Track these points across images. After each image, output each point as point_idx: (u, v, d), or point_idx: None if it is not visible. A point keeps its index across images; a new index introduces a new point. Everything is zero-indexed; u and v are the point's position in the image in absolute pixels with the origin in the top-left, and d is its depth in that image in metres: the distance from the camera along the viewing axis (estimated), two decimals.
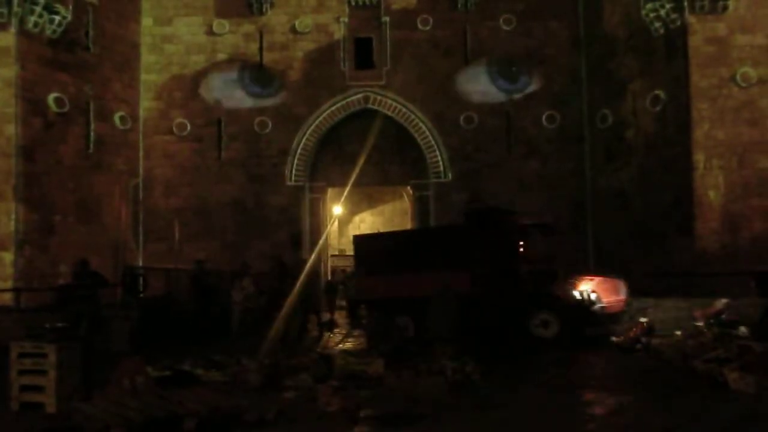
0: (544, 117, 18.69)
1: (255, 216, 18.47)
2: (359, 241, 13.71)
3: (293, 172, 18.81)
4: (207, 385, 6.99)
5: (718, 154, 14.73)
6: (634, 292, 12.08)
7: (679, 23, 15.19)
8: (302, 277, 12.22)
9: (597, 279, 11.88)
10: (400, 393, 6.63)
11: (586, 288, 11.43)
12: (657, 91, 15.91)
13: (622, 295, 11.78)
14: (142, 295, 11.88)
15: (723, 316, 9.91)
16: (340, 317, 15.19)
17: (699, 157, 14.76)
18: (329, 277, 17.69)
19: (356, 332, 12.79)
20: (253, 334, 10.78)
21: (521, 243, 11.46)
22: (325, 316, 14.16)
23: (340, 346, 11.29)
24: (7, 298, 13.58)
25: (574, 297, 11.20)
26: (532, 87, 18.70)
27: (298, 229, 18.58)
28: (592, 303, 11.27)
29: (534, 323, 10.64)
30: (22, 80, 15.11)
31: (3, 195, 14.90)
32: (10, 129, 14.98)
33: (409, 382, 6.85)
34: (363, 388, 6.86)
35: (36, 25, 15.31)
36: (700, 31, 14.92)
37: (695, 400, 6.17)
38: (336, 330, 13.24)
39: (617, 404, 6.07)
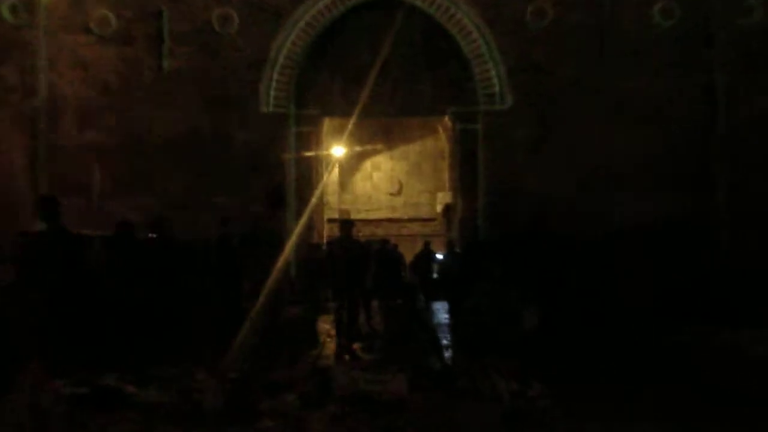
0: (656, 9, 18.35)
1: (215, 159, 18.47)
2: None
3: (271, 93, 18.76)
4: (141, 409, 6.98)
5: None
6: None
7: None
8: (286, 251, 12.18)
9: None
10: (432, 426, 6.60)
11: None
12: None
13: None
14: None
15: None
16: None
17: None
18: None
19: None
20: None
21: None
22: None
23: (346, 356, 11.39)
24: None
25: None
26: None
27: (278, 180, 18.57)
28: None
29: None
30: None
31: None
32: None
33: (445, 410, 6.85)
34: (376, 416, 6.82)
35: None
36: None
37: None
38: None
39: None
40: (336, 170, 26.45)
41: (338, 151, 24.48)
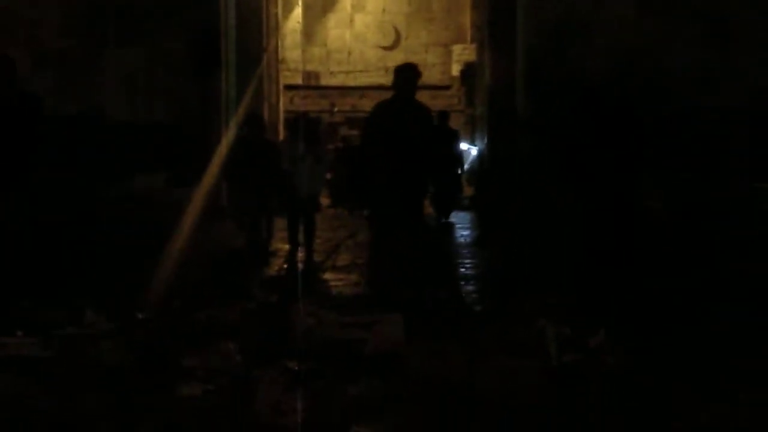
0: None
1: None
2: None
3: None
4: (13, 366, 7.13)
5: None
6: None
7: None
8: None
9: None
10: (440, 393, 6.54)
11: None
12: None
13: None
14: None
15: None
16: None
17: None
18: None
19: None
20: None
21: None
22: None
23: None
24: None
25: None
26: None
27: (208, 24, 17.94)
28: None
29: None
30: None
31: None
32: None
33: (461, 369, 6.83)
34: (356, 378, 6.83)
35: None
36: None
37: None
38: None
39: None
40: (298, 10, 26.34)
41: None
